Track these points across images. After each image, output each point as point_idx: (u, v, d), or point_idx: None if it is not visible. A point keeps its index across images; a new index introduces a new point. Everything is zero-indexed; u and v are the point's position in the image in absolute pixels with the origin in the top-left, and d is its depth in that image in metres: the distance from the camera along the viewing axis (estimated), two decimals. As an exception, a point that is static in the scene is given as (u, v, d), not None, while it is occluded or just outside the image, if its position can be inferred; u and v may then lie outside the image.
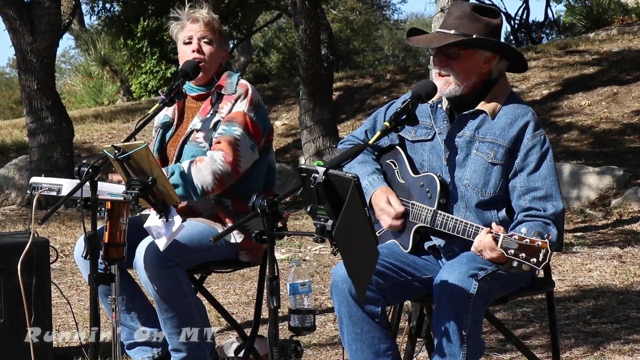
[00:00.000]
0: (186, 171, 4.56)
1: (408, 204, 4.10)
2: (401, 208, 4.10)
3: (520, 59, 4.15)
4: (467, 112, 4.07)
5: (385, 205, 4.11)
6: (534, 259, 3.59)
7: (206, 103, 4.79)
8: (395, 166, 4.24)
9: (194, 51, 4.73)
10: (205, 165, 4.57)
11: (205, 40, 4.77)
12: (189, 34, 4.78)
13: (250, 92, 4.74)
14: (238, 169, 4.62)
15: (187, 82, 4.80)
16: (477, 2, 4.32)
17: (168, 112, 4.88)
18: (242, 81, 4.80)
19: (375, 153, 4.34)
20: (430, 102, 4.11)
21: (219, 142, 4.63)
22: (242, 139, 4.64)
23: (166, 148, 4.85)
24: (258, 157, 4.74)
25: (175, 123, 4.86)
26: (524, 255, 3.60)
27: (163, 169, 4.52)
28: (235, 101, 4.72)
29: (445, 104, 4.14)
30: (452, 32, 4.02)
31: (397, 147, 4.26)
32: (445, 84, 4.03)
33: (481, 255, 3.78)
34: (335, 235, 3.33)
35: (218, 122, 4.70)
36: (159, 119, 4.91)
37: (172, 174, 4.55)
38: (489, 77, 4.09)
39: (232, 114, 4.69)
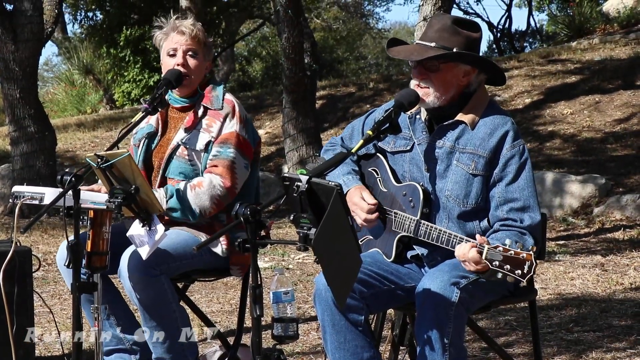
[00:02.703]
0: (182, 195, 4.55)
1: (390, 212, 4.11)
2: (374, 200, 4.10)
3: (499, 73, 4.16)
4: (446, 122, 4.08)
5: (358, 200, 4.11)
6: (519, 271, 3.59)
7: (191, 115, 4.77)
8: (377, 174, 4.24)
9: (179, 65, 4.72)
10: (204, 191, 4.57)
11: (190, 53, 4.75)
12: (173, 46, 4.75)
13: (237, 108, 4.74)
14: (235, 191, 4.64)
15: (171, 93, 4.80)
16: (458, 15, 4.34)
17: (152, 122, 4.86)
18: (228, 96, 4.79)
19: (354, 158, 4.34)
20: (409, 113, 4.11)
21: (215, 166, 4.63)
22: (237, 160, 4.65)
23: (150, 157, 4.84)
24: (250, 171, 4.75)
25: (159, 133, 4.85)
26: (508, 267, 3.61)
27: (161, 190, 4.53)
28: (224, 119, 4.71)
29: (424, 114, 4.15)
30: (433, 44, 4.02)
31: (379, 154, 4.27)
32: (425, 95, 4.04)
33: (464, 265, 3.78)
34: (315, 243, 3.33)
35: (209, 142, 4.68)
36: (141, 129, 4.88)
37: (172, 196, 4.54)
38: (468, 90, 4.10)
39: (225, 135, 4.69)
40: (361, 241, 4.23)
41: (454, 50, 3.99)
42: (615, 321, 6.12)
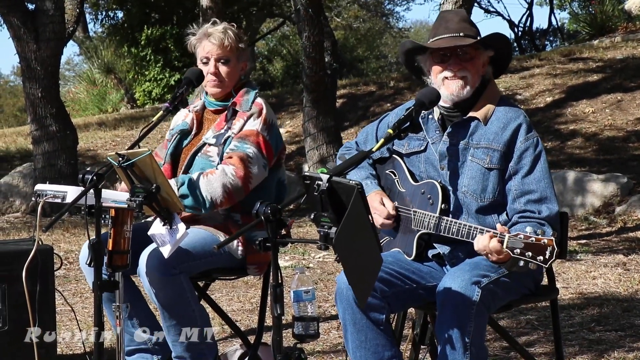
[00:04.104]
0: (194, 182, 4.57)
1: (410, 211, 4.10)
2: (393, 211, 4.13)
3: (505, 63, 4.20)
4: (459, 120, 4.08)
5: (378, 205, 4.14)
6: (541, 257, 3.58)
7: (221, 118, 4.83)
8: (395, 175, 4.24)
9: (211, 73, 4.77)
10: (215, 178, 4.58)
11: (222, 61, 4.80)
12: (205, 54, 4.81)
13: (264, 111, 4.77)
14: (248, 185, 4.64)
15: (206, 97, 4.88)
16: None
17: (187, 120, 4.91)
18: (259, 100, 4.83)
19: (370, 162, 4.35)
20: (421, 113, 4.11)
21: (230, 157, 4.65)
22: (255, 156, 4.66)
23: (180, 154, 4.88)
24: (267, 175, 4.76)
25: (193, 132, 4.89)
26: (530, 253, 3.59)
27: (172, 180, 4.54)
28: (248, 118, 4.75)
29: (436, 114, 4.15)
30: (461, 34, 4.04)
31: (395, 156, 4.27)
32: (462, 87, 4.04)
33: (486, 257, 3.77)
34: (336, 242, 3.33)
35: (229, 137, 4.72)
36: (177, 125, 4.94)
37: (182, 184, 4.56)
38: (484, 80, 4.12)
39: (245, 132, 4.72)
40: (382, 242, 4.22)
41: (478, 38, 4.04)
42: (638, 320, 6.08)
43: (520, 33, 27.46)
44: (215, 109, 4.89)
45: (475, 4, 24.36)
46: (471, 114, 4.08)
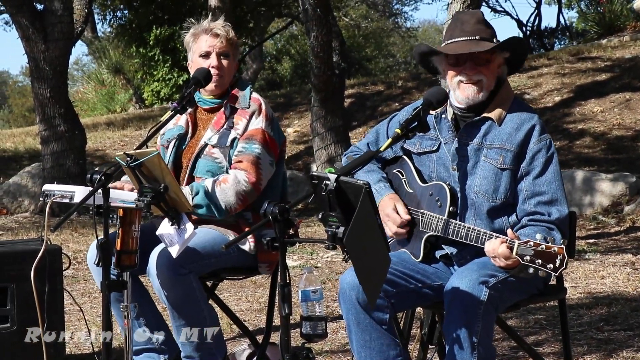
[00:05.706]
0: (210, 191, 4.57)
1: (417, 212, 4.09)
2: (407, 217, 4.11)
3: (519, 64, 4.19)
4: (473, 120, 4.07)
5: (391, 212, 4.11)
6: (551, 265, 3.58)
7: (219, 116, 4.81)
8: (403, 176, 4.23)
9: (214, 67, 4.76)
10: (229, 187, 4.59)
11: (223, 55, 4.80)
12: (206, 49, 4.79)
13: (264, 107, 4.78)
14: (260, 187, 4.66)
15: (200, 95, 4.84)
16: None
17: (181, 123, 4.89)
18: (255, 95, 4.83)
19: (379, 165, 4.35)
20: (434, 112, 4.11)
21: (240, 161, 4.66)
22: (263, 156, 4.68)
23: (180, 158, 4.87)
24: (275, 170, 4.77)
25: (189, 134, 4.88)
26: (540, 261, 3.59)
27: (186, 188, 4.55)
28: (251, 117, 4.75)
29: (449, 114, 4.14)
30: (477, 37, 4.02)
31: (404, 156, 4.26)
32: (477, 92, 4.03)
33: (494, 261, 3.77)
34: (346, 242, 3.33)
35: (235, 139, 4.72)
36: (170, 130, 4.91)
37: (197, 193, 4.57)
38: (499, 81, 4.11)
39: (250, 131, 4.72)
40: (389, 242, 4.22)
41: (494, 40, 4.03)
42: (646, 320, 6.08)
43: (528, 32, 27.43)
44: (210, 107, 4.88)
45: (484, 4, 24.36)
46: (485, 114, 4.07)
